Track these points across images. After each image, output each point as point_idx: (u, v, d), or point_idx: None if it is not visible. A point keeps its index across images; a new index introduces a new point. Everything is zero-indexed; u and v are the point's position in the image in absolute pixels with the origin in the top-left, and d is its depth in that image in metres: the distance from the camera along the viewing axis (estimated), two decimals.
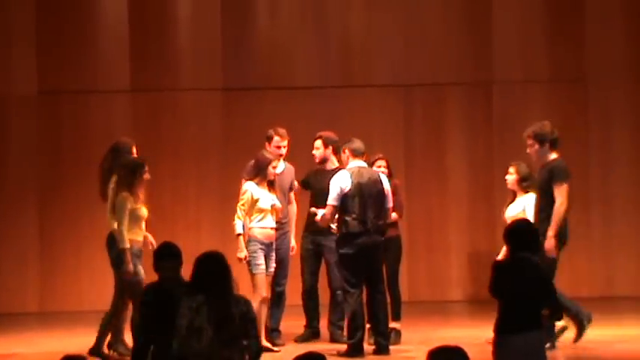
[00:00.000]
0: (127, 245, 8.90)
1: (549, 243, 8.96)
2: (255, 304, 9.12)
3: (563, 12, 13.03)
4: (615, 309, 11.15)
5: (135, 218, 9.03)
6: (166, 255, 7.25)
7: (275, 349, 9.38)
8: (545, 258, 8.84)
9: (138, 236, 9.06)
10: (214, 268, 6.82)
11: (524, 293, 6.58)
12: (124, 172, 9.07)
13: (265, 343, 9.24)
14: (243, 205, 9.28)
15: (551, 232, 8.97)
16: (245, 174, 9.85)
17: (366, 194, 9.14)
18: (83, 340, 9.45)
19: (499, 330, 6.63)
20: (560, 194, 9.04)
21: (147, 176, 9.18)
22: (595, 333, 9.68)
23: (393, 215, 9.65)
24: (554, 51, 13.00)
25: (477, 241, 12.67)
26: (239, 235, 9.26)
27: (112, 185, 9.24)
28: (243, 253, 9.23)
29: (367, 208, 9.12)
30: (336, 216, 9.26)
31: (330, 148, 9.94)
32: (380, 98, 12.90)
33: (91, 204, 12.46)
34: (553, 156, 9.24)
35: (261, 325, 9.21)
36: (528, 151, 9.30)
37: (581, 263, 12.83)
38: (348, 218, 9.09)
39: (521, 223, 6.84)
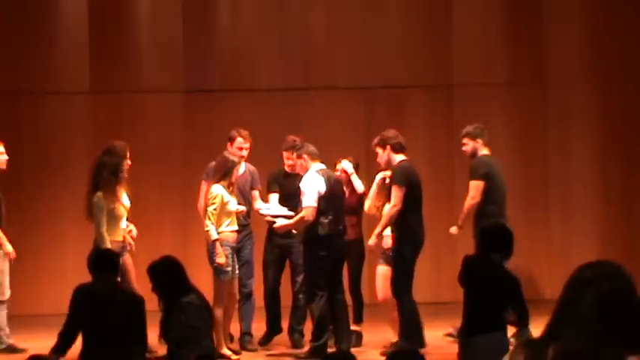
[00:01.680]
0: (108, 245, 8.87)
1: (372, 239, 9.20)
2: (218, 311, 9.15)
3: (522, 16, 13.12)
4: None
5: (114, 218, 8.99)
6: (100, 266, 7.30)
7: (233, 357, 9.31)
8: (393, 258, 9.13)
9: (117, 236, 9.03)
10: (183, 270, 7.06)
11: (489, 294, 6.62)
12: (106, 173, 9.03)
13: (225, 350, 9.22)
14: (215, 209, 9.19)
15: (377, 230, 9.16)
16: (205, 176, 9.81)
17: (336, 195, 9.19)
18: (43, 343, 9.36)
19: (464, 330, 6.68)
20: (394, 196, 9.15)
21: (125, 175, 9.19)
22: None
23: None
24: (513, 54, 13.09)
25: (437, 243, 12.72)
26: (215, 240, 9.16)
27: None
28: (222, 259, 9.15)
29: (339, 209, 9.17)
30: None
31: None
32: (341, 101, 12.92)
33: (51, 206, 12.41)
34: (398, 159, 9.34)
35: (220, 332, 9.19)
36: (377, 159, 9.45)
37: (541, 264, 12.92)
38: (324, 220, 9.10)
39: (497, 226, 6.87)
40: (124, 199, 9.40)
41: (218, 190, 9.22)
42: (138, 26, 12.95)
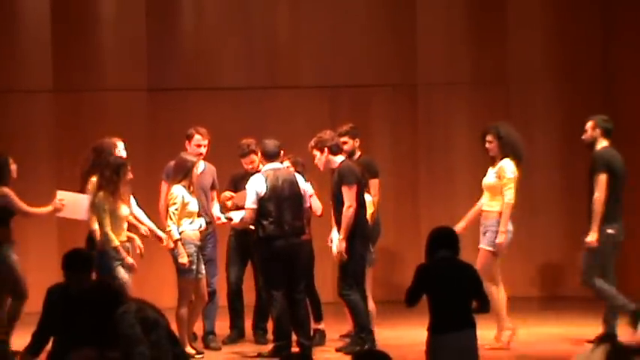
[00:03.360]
0: (117, 243, 8.89)
1: (340, 245, 9.17)
2: (183, 310, 9.16)
3: (486, 16, 13.19)
4: (537, 308, 11.31)
5: (115, 218, 8.96)
6: (73, 265, 7.23)
7: (198, 356, 9.32)
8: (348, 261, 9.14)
9: (119, 237, 9.01)
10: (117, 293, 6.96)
11: (453, 289, 6.65)
12: (108, 172, 9.00)
13: (189, 349, 9.22)
14: (176, 209, 9.21)
15: (341, 235, 9.16)
16: (165, 176, 9.83)
17: (281, 197, 9.15)
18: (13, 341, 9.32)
19: (432, 329, 6.69)
20: (347, 197, 9.17)
21: (130, 176, 9.16)
22: (519, 333, 9.81)
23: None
24: (476, 54, 13.16)
25: (401, 242, 12.79)
26: (177, 240, 9.19)
27: (89, 186, 9.21)
28: (185, 258, 9.16)
29: (283, 211, 9.14)
30: None
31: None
32: (305, 99, 12.92)
33: None
34: (339, 159, 9.35)
35: (184, 331, 9.20)
36: (315, 162, 9.44)
37: (503, 263, 12.97)
38: (264, 222, 9.09)
39: (440, 228, 6.94)
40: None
41: (179, 191, 9.25)
42: (101, 25, 12.89)
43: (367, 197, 9.60)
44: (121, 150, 9.65)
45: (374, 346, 9.00)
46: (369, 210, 9.53)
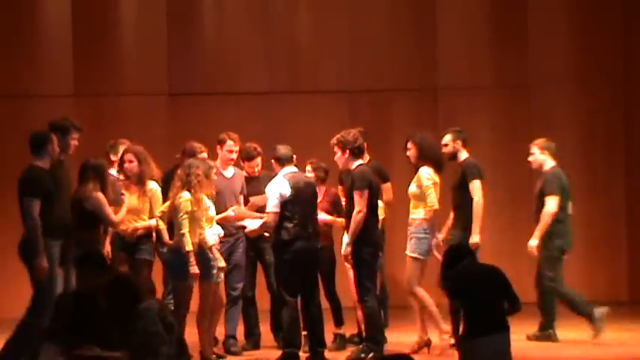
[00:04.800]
0: (190, 248, 8.84)
1: (346, 250, 9.17)
2: (204, 314, 9.15)
3: (507, 19, 13.17)
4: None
5: (196, 220, 8.94)
6: (87, 264, 7.20)
7: None
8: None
9: (194, 238, 8.98)
10: (135, 288, 6.94)
11: (483, 293, 6.65)
12: (200, 173, 8.96)
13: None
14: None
15: (349, 239, 9.14)
16: None
17: (304, 199, 9.12)
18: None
19: (466, 334, 6.67)
20: (358, 202, 9.11)
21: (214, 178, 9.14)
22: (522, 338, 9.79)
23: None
24: (498, 57, 13.14)
25: None
26: (211, 246, 9.14)
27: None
28: (196, 268, 9.09)
29: (307, 213, 9.11)
30: None
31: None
32: (326, 104, 12.93)
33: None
34: (356, 163, 9.29)
35: (205, 334, 9.20)
36: (335, 158, 9.37)
37: (524, 267, 12.92)
38: (289, 224, 9.03)
39: (454, 244, 7.33)
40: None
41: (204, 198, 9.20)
42: (122, 29, 12.93)
43: (379, 203, 9.56)
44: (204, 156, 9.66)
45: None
46: (380, 216, 9.49)
